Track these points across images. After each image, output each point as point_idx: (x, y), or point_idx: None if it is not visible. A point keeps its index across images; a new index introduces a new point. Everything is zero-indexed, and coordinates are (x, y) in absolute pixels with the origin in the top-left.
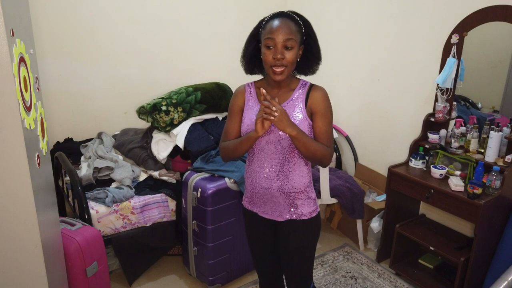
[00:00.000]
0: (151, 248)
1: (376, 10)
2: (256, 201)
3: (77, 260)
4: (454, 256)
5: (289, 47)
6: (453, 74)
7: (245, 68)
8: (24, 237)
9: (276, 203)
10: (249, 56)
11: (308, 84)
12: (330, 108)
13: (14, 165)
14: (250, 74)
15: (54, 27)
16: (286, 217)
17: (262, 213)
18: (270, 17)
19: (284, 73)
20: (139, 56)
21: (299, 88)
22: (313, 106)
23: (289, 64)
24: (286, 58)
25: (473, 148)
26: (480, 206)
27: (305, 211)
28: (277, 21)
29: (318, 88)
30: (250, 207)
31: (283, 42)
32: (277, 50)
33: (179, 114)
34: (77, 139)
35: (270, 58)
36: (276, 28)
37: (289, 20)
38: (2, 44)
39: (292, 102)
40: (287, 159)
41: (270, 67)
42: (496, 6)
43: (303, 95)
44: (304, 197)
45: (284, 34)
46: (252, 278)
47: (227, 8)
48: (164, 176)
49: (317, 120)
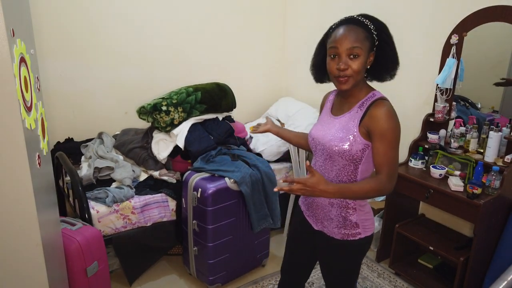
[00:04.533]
0: (151, 247)
1: (376, 10)
2: (304, 200)
3: (77, 259)
4: (453, 256)
5: (355, 55)
6: (452, 74)
7: (315, 77)
8: (25, 237)
9: (315, 210)
10: (318, 65)
11: (374, 98)
12: (394, 128)
13: (15, 165)
14: (321, 83)
15: (55, 27)
16: (318, 227)
17: (305, 213)
18: (337, 24)
19: (349, 82)
20: (139, 56)
21: (364, 100)
22: (370, 125)
23: (354, 74)
24: (351, 67)
25: (472, 148)
26: (479, 206)
27: (336, 231)
28: (342, 29)
29: (382, 104)
30: (300, 203)
31: (347, 51)
32: (340, 59)
33: (180, 114)
34: (78, 139)
35: (333, 68)
36: (340, 36)
37: (356, 27)
38: (3, 44)
39: (350, 116)
40: (337, 173)
41: (334, 77)
42: (496, 6)
43: (361, 111)
44: (342, 217)
45: (349, 43)
46: (252, 277)
47: (227, 8)
48: (165, 176)
49: (374, 142)
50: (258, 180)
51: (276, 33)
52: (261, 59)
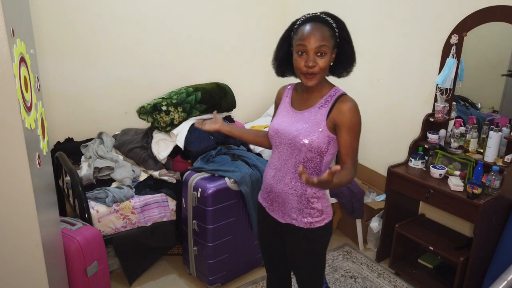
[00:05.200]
0: (151, 248)
1: (376, 10)
2: (266, 197)
3: (77, 259)
4: (453, 255)
5: (322, 53)
6: (452, 74)
7: (277, 71)
8: (25, 237)
9: (281, 204)
10: (280, 59)
11: (338, 94)
12: (359, 122)
13: (15, 165)
14: (282, 76)
15: (55, 27)
16: (286, 220)
17: (269, 210)
18: (302, 21)
19: (316, 78)
20: (139, 56)
21: (328, 96)
22: (337, 119)
23: (321, 71)
24: (319, 65)
25: (472, 148)
26: (479, 206)
27: (306, 220)
28: (309, 26)
29: (347, 99)
30: (261, 201)
31: (315, 49)
32: (309, 57)
33: (179, 114)
34: (78, 139)
35: (301, 65)
36: (308, 34)
37: (322, 25)
38: (3, 44)
39: (316, 110)
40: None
41: (301, 74)
42: (496, 6)
43: (328, 105)
44: (309, 206)
45: (317, 41)
46: (252, 277)
47: (227, 8)
48: (164, 176)
49: (341, 135)
50: (258, 180)
51: (276, 33)
52: (261, 59)
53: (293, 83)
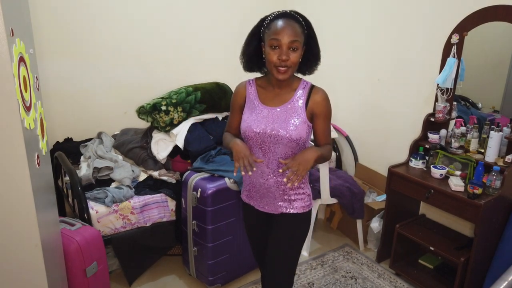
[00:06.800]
0: (151, 248)
1: (376, 10)
2: (253, 195)
3: (76, 260)
4: (454, 256)
5: (294, 48)
6: (453, 74)
7: (245, 66)
8: (24, 237)
9: (272, 198)
10: (249, 54)
11: (309, 86)
12: (331, 109)
13: (14, 165)
14: (249, 71)
15: (54, 27)
16: (280, 211)
17: (259, 207)
18: (273, 17)
19: (288, 72)
20: (139, 56)
21: (300, 89)
22: (315, 109)
23: (293, 65)
24: (291, 59)
25: (473, 148)
26: (480, 206)
27: (298, 205)
28: (282, 22)
29: (319, 90)
30: (248, 200)
31: (288, 44)
32: (282, 51)
33: (179, 114)
34: (77, 139)
35: (275, 58)
36: (281, 29)
37: (293, 21)
38: (2, 44)
39: (292, 104)
40: (283, 157)
41: (274, 67)
42: (496, 6)
43: (303, 98)
44: (299, 192)
45: (290, 36)
46: (252, 278)
47: (227, 8)
48: (164, 176)
49: (318, 122)
50: None
51: None
52: None
53: (251, 79)
